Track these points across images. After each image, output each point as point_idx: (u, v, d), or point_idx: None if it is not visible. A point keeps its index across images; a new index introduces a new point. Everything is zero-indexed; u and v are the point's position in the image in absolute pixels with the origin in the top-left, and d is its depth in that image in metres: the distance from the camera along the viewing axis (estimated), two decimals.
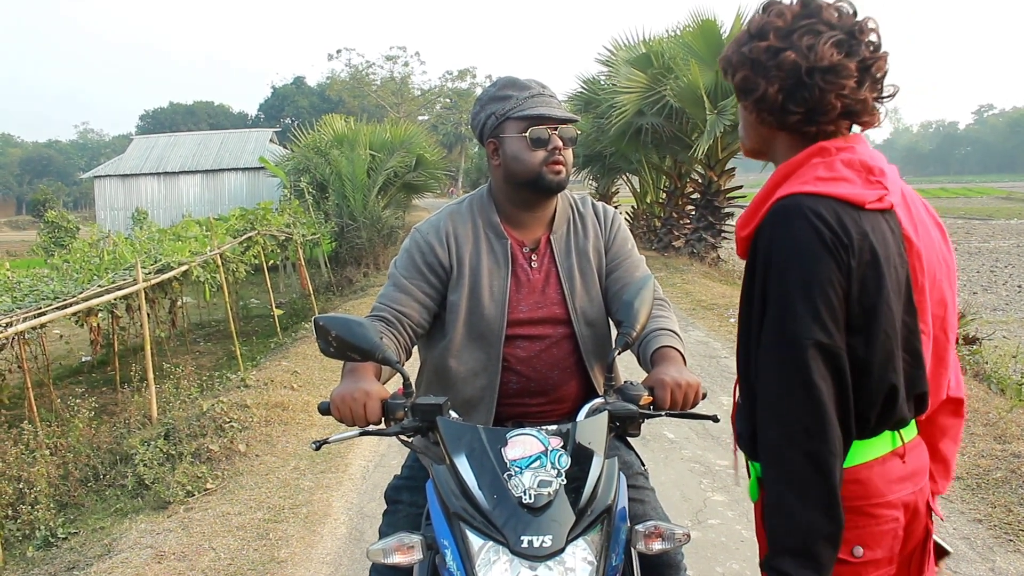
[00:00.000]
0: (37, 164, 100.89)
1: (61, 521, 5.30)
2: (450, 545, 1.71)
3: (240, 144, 33.73)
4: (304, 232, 16.45)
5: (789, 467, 1.56)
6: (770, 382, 1.60)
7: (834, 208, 1.58)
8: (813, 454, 1.54)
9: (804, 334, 1.55)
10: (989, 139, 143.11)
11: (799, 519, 1.54)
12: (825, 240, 1.55)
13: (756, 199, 1.71)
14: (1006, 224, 37.42)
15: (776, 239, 1.59)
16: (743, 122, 1.83)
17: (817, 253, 1.55)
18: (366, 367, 2.05)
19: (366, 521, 4.76)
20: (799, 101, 1.65)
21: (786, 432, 1.57)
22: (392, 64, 68.99)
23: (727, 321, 10.83)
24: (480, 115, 2.29)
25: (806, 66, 1.61)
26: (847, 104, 1.64)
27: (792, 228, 1.58)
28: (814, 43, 1.61)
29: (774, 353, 1.59)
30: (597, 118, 18.41)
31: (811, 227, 1.56)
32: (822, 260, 1.55)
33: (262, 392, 7.50)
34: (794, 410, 1.56)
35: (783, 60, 1.63)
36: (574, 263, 2.35)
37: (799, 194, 1.61)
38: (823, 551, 1.55)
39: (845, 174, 1.64)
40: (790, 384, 1.56)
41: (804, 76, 1.62)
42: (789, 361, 1.56)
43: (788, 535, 1.56)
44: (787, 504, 1.56)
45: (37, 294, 8.30)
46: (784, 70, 1.63)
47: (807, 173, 1.64)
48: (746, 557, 4.09)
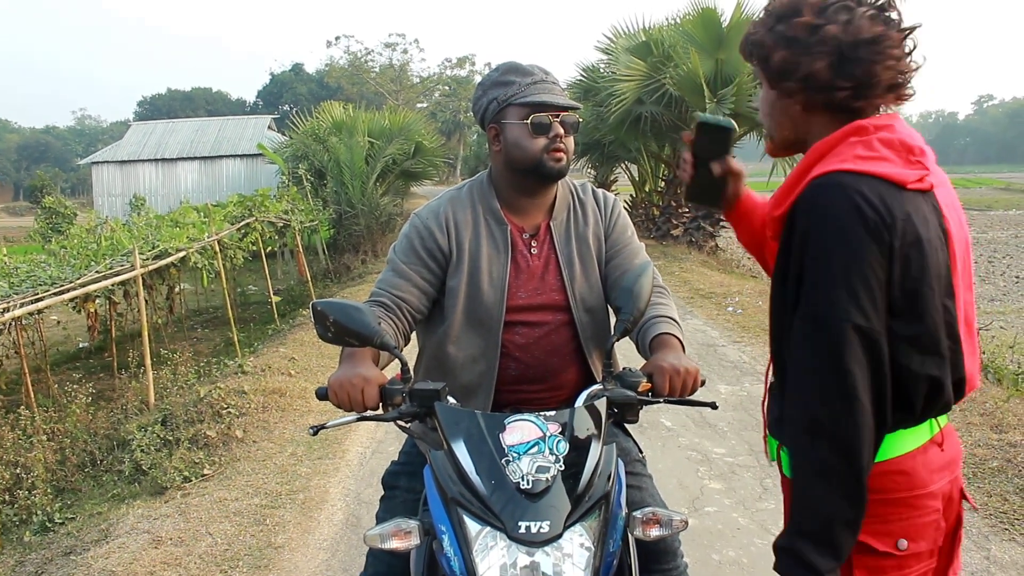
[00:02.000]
0: (34, 150, 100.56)
1: (58, 506, 5.31)
2: (447, 530, 1.70)
3: (238, 131, 33.65)
4: (302, 219, 16.44)
5: (815, 451, 1.54)
6: (802, 364, 1.57)
7: (876, 187, 1.54)
8: (841, 440, 1.52)
9: (841, 316, 1.51)
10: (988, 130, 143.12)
11: (821, 504, 1.53)
12: (867, 220, 1.51)
13: (790, 178, 1.66)
14: (1004, 215, 37.45)
15: (815, 218, 1.55)
16: (773, 110, 1.76)
17: (858, 233, 1.51)
18: (364, 352, 2.04)
19: (363, 507, 4.76)
20: (847, 76, 1.59)
21: (814, 416, 1.54)
22: (391, 51, 68.91)
23: (725, 310, 10.84)
24: (482, 100, 2.28)
25: (849, 40, 1.57)
26: (893, 76, 1.60)
27: (832, 206, 1.53)
28: (851, 17, 1.58)
29: (808, 335, 1.55)
30: (596, 106, 18.34)
31: (852, 206, 1.51)
32: (863, 241, 1.51)
33: (259, 378, 7.49)
34: (824, 394, 1.53)
35: (826, 34, 1.58)
36: (574, 250, 2.34)
37: (839, 171, 1.56)
38: (842, 537, 1.53)
39: (884, 153, 1.59)
40: (822, 367, 1.53)
41: (848, 50, 1.57)
42: (823, 343, 1.52)
43: (809, 519, 1.54)
44: (810, 488, 1.54)
45: (34, 280, 8.29)
46: (828, 44, 1.58)
47: (845, 152, 1.60)
48: (742, 544, 4.10)
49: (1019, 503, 4.40)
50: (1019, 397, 6.15)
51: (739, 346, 8.73)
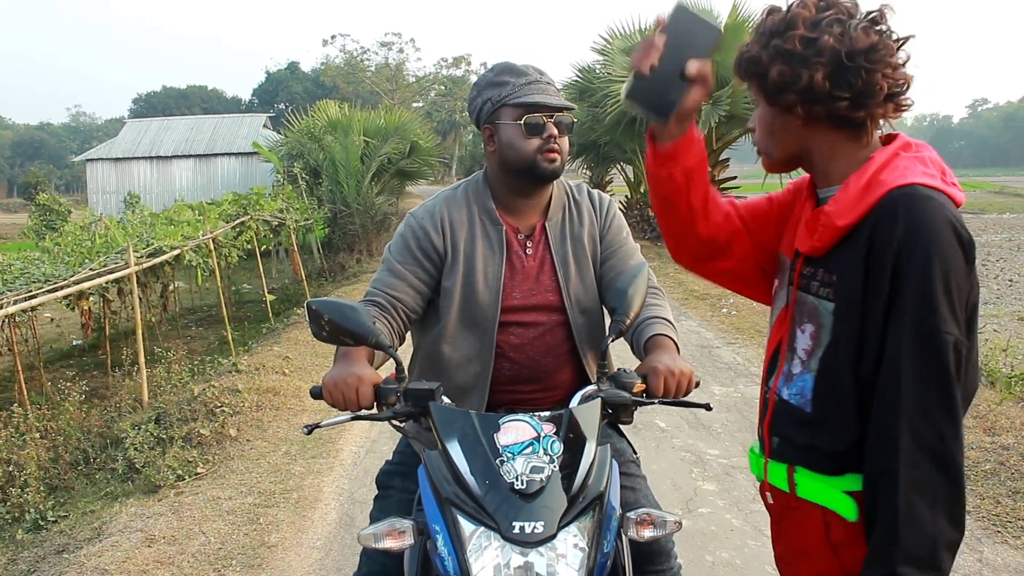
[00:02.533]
0: (28, 147, 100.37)
1: (51, 504, 5.30)
2: (441, 530, 1.70)
3: (233, 129, 33.62)
4: (297, 218, 16.43)
5: (920, 471, 1.48)
6: (903, 381, 1.50)
7: (952, 205, 1.54)
8: (946, 457, 1.48)
9: (947, 328, 1.47)
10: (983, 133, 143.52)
11: (928, 527, 1.47)
12: (960, 236, 1.50)
13: (857, 188, 1.60)
14: (998, 218, 37.48)
15: (913, 226, 1.49)
16: (771, 127, 1.74)
17: (953, 245, 1.49)
18: (359, 352, 2.04)
19: (357, 506, 4.76)
20: (845, 86, 1.58)
21: (919, 434, 1.48)
22: (387, 50, 68.92)
23: (719, 311, 10.85)
24: (477, 100, 2.28)
25: (845, 50, 1.57)
26: (891, 84, 1.59)
27: (929, 218, 1.49)
28: (844, 29, 1.58)
29: (912, 350, 1.49)
30: (592, 107, 18.35)
31: (947, 221, 1.49)
32: (957, 253, 1.49)
33: (253, 377, 7.48)
34: (929, 411, 1.48)
35: (822, 46, 1.58)
36: (569, 250, 2.34)
37: (920, 185, 1.53)
38: (946, 559, 1.49)
39: (935, 171, 1.59)
40: (928, 384, 1.48)
41: (846, 59, 1.57)
42: (929, 359, 1.48)
43: (915, 544, 1.47)
44: (916, 511, 1.48)
45: (28, 277, 8.29)
46: (825, 55, 1.58)
47: (909, 165, 1.58)
48: (735, 546, 4.11)
49: (1012, 506, 4.41)
50: (1012, 400, 6.17)
51: (733, 348, 8.74)
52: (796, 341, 1.76)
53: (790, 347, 1.78)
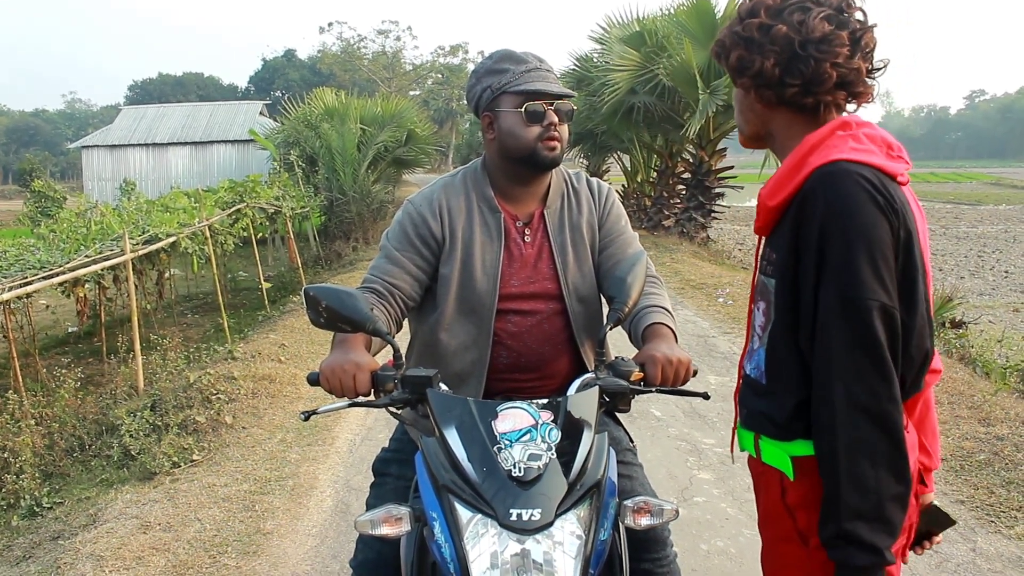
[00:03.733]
0: (24, 133, 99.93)
1: (46, 491, 5.29)
2: (438, 517, 1.70)
3: (230, 116, 33.50)
4: (293, 205, 16.40)
5: (857, 431, 1.55)
6: (833, 347, 1.58)
7: (877, 175, 1.60)
8: (882, 415, 1.55)
9: (869, 295, 1.54)
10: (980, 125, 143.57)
11: (870, 483, 1.54)
12: (880, 204, 1.56)
13: (786, 169, 1.69)
14: (994, 209, 37.60)
15: (832, 202, 1.57)
16: (740, 106, 1.85)
17: (874, 216, 1.55)
18: (356, 338, 2.03)
19: (352, 494, 4.76)
20: (795, 73, 1.67)
21: (853, 395, 1.55)
22: (384, 38, 68.78)
23: (716, 300, 10.85)
24: (476, 87, 2.26)
25: (799, 39, 1.65)
26: (842, 73, 1.66)
27: (848, 191, 1.57)
28: (804, 18, 1.66)
29: (838, 316, 1.57)
30: (589, 96, 18.34)
31: (864, 191, 1.56)
32: (879, 223, 1.56)
33: (249, 364, 7.48)
34: (861, 373, 1.55)
35: (776, 34, 1.67)
36: (567, 238, 2.33)
37: (843, 160, 1.60)
38: (894, 512, 1.56)
39: (871, 147, 1.65)
40: (855, 347, 1.55)
41: (798, 48, 1.65)
42: (855, 324, 1.55)
43: (860, 500, 1.55)
44: (856, 467, 1.55)
45: (23, 263, 8.26)
46: (778, 44, 1.67)
47: (838, 144, 1.65)
48: (731, 535, 4.12)
49: (1005, 496, 4.42)
50: (1007, 391, 6.19)
51: (729, 337, 8.75)
52: (755, 319, 1.87)
53: (751, 325, 1.90)
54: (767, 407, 1.76)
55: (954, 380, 6.35)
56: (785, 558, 1.78)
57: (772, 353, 1.76)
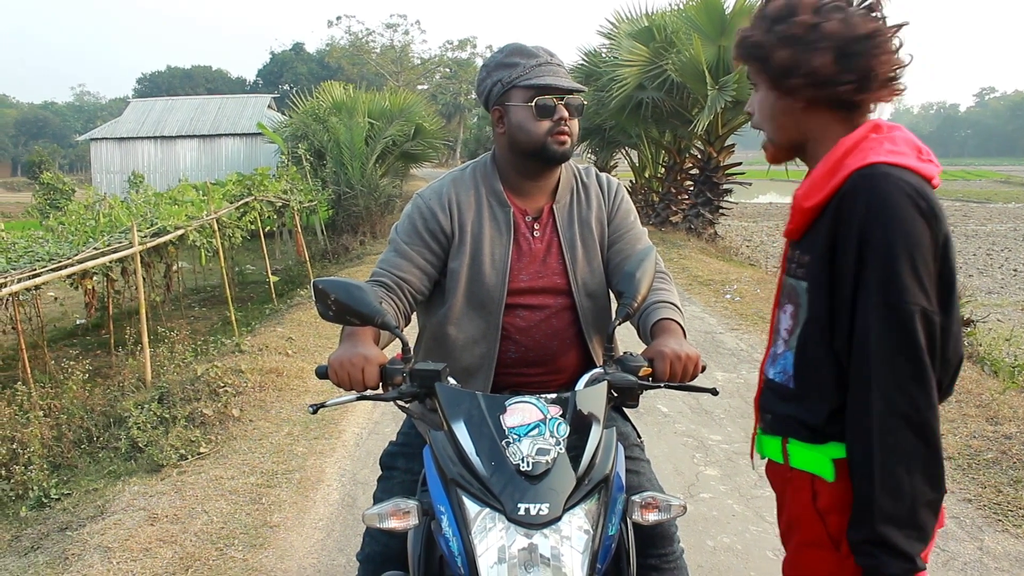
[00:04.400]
0: (33, 125, 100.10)
1: (54, 482, 5.31)
2: (446, 511, 1.70)
3: (238, 109, 33.54)
4: (301, 199, 16.42)
5: (895, 436, 1.54)
6: (873, 352, 1.56)
7: (917, 179, 1.59)
8: (921, 422, 1.54)
9: (912, 301, 1.53)
10: (990, 122, 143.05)
11: (905, 488, 1.54)
12: (920, 207, 1.55)
13: (822, 171, 1.67)
14: (1004, 208, 37.45)
15: (872, 205, 1.56)
16: (773, 111, 1.79)
17: (915, 219, 1.54)
18: (365, 332, 2.03)
19: (359, 487, 4.77)
20: (851, 69, 1.65)
21: (892, 401, 1.54)
22: (392, 32, 68.64)
23: (723, 297, 10.84)
24: (486, 81, 2.26)
25: (849, 35, 1.63)
26: (889, 70, 1.66)
27: (889, 194, 1.56)
28: (845, 16, 1.64)
29: (879, 321, 1.55)
30: (598, 91, 18.25)
31: (905, 194, 1.55)
32: (920, 227, 1.55)
33: (257, 358, 7.49)
34: (900, 379, 1.54)
35: (826, 31, 1.64)
36: (576, 233, 2.33)
37: (882, 163, 1.59)
38: (927, 519, 1.55)
39: (905, 150, 1.64)
40: (895, 353, 1.54)
41: (849, 45, 1.63)
42: (896, 328, 1.54)
43: (894, 505, 1.54)
44: (892, 472, 1.54)
45: (32, 255, 8.29)
46: (830, 40, 1.64)
47: (874, 146, 1.63)
48: (737, 531, 4.11)
49: (1013, 494, 4.41)
50: (1015, 389, 6.17)
51: (737, 334, 8.73)
52: (780, 322, 1.84)
53: (776, 329, 1.86)
54: (798, 411, 1.74)
55: (962, 378, 6.32)
56: (814, 564, 1.76)
57: (802, 357, 1.74)
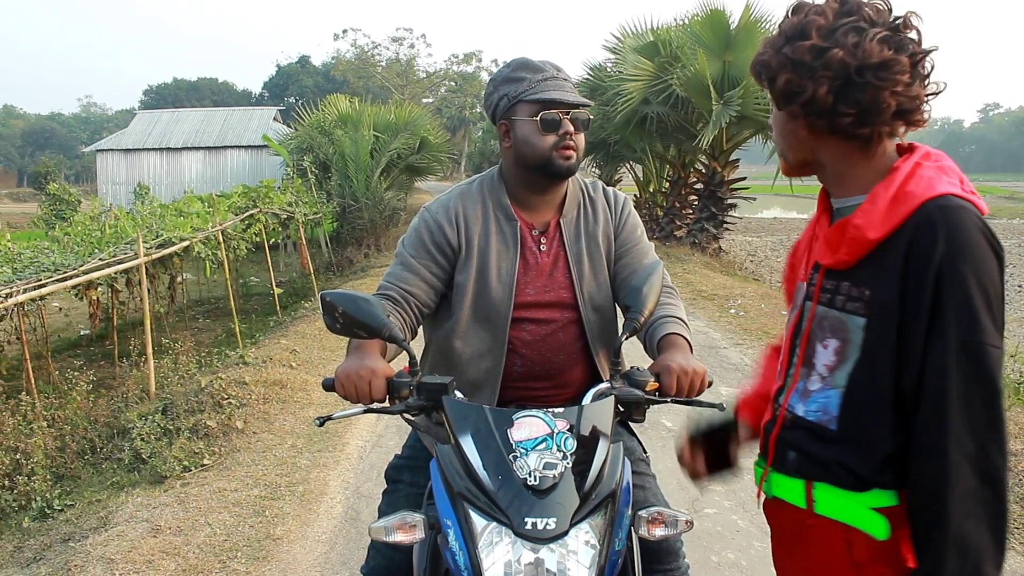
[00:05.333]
0: (39, 136, 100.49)
1: (57, 493, 5.31)
2: (453, 525, 1.70)
3: (244, 122, 33.71)
4: (306, 211, 16.46)
5: (969, 487, 1.45)
6: (948, 395, 1.46)
7: (980, 214, 1.52)
8: (992, 473, 1.45)
9: (992, 342, 1.45)
10: (994, 138, 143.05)
11: (973, 541, 1.44)
12: (993, 244, 1.49)
13: (886, 199, 1.55)
14: (1008, 224, 37.36)
15: (952, 240, 1.46)
16: (783, 131, 1.70)
17: (990, 255, 1.48)
18: (372, 344, 2.03)
19: (362, 501, 4.76)
20: (851, 102, 1.53)
21: (965, 448, 1.45)
22: (398, 46, 68.77)
23: (727, 312, 10.83)
24: (493, 96, 2.26)
25: (855, 64, 1.50)
26: (901, 102, 1.53)
27: (968, 229, 1.47)
28: (860, 40, 1.51)
29: (957, 363, 1.45)
30: (603, 105, 18.33)
31: (979, 230, 1.48)
32: (994, 265, 1.48)
33: (261, 370, 7.49)
34: (975, 424, 1.45)
35: (831, 59, 1.52)
36: (583, 248, 2.32)
37: (952, 195, 1.51)
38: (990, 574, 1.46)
39: (956, 181, 1.56)
40: (973, 396, 1.45)
41: (854, 75, 1.51)
42: (975, 371, 1.45)
43: (962, 560, 1.45)
44: (962, 527, 1.45)
45: (37, 266, 8.31)
46: (833, 69, 1.52)
47: (933, 176, 1.55)
48: (741, 547, 4.10)
49: (1019, 512, 4.39)
50: (1020, 406, 6.14)
51: (741, 348, 8.72)
52: (816, 357, 1.70)
53: (806, 363, 1.73)
54: (843, 455, 1.62)
55: None
56: None
57: (852, 397, 1.62)
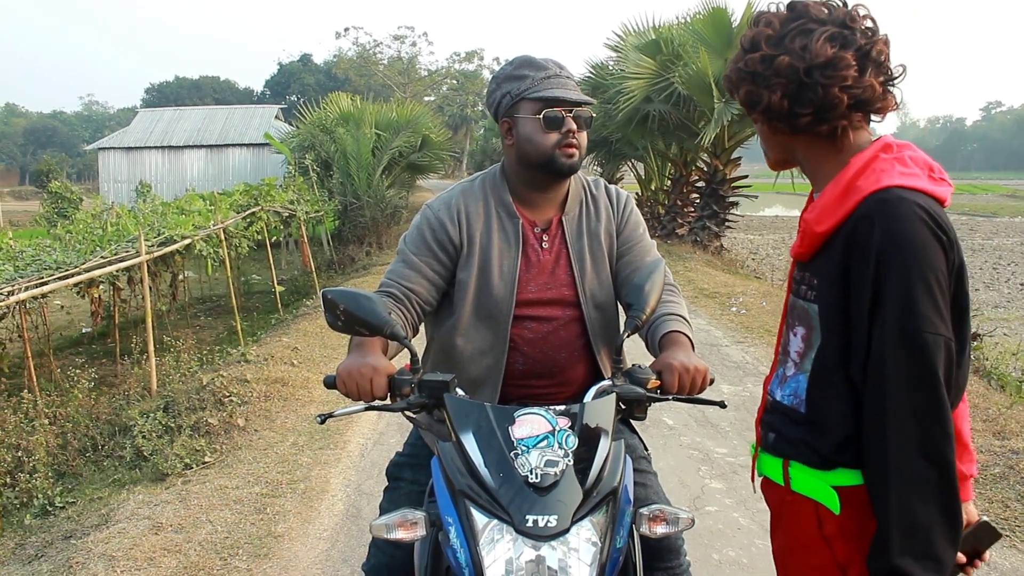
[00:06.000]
0: (41, 134, 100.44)
1: (59, 490, 5.31)
2: (454, 522, 1.70)
3: (245, 120, 33.69)
4: (307, 209, 16.46)
5: (911, 468, 1.52)
6: (889, 381, 1.53)
7: (930, 203, 1.56)
8: (937, 454, 1.52)
9: (931, 329, 1.50)
10: (996, 136, 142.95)
11: (921, 520, 1.52)
12: (937, 234, 1.53)
13: (834, 194, 1.64)
14: (1010, 222, 37.37)
15: (889, 231, 1.53)
16: (761, 135, 1.81)
17: (932, 246, 1.52)
18: (373, 342, 2.03)
19: (364, 498, 4.76)
20: (804, 102, 1.62)
21: (907, 432, 1.52)
22: (399, 44, 68.77)
23: (728, 310, 10.82)
24: (495, 93, 2.26)
25: (803, 66, 1.60)
26: (853, 95, 1.61)
27: (905, 220, 1.53)
28: (807, 42, 1.60)
29: (896, 350, 1.52)
30: (604, 103, 18.29)
31: (921, 220, 1.53)
32: (936, 253, 1.52)
33: (262, 367, 7.49)
34: (917, 409, 1.52)
35: (779, 66, 1.62)
36: (585, 245, 2.32)
37: (897, 187, 1.56)
38: (945, 552, 1.53)
39: (916, 171, 1.61)
40: (913, 382, 1.52)
41: (803, 76, 1.60)
42: (914, 358, 1.51)
43: (910, 537, 1.52)
44: (909, 506, 1.52)
45: (39, 264, 8.31)
46: (783, 75, 1.62)
47: (886, 168, 1.60)
48: (742, 544, 4.10)
49: (1020, 510, 4.38)
50: (1022, 404, 6.14)
51: (742, 346, 8.72)
52: (789, 344, 1.81)
53: (783, 350, 1.84)
54: (808, 436, 1.71)
55: (969, 393, 6.23)
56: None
57: (816, 382, 1.72)
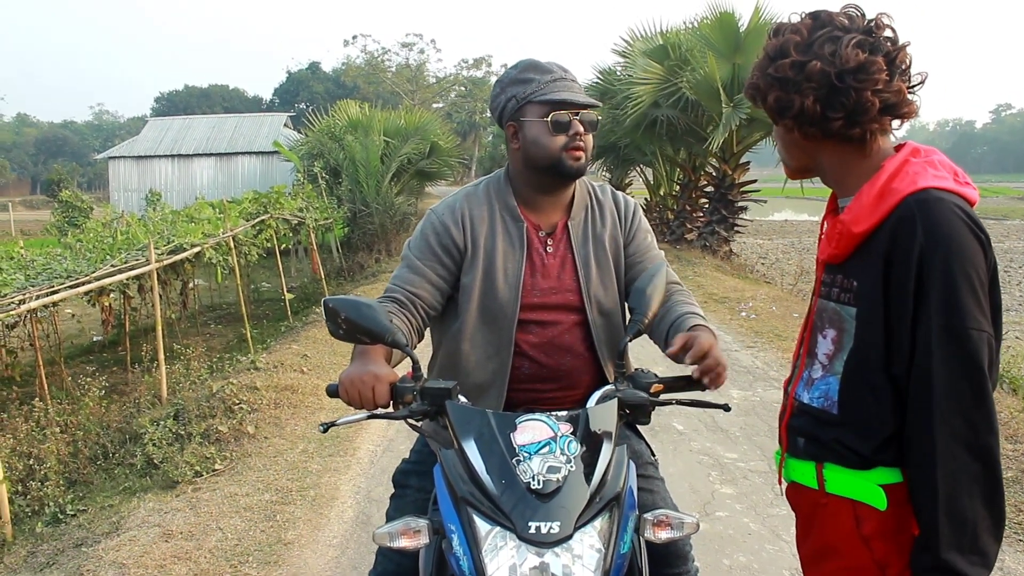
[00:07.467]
0: (52, 144, 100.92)
1: (70, 498, 5.33)
2: (457, 530, 1.70)
3: (254, 128, 33.79)
4: (317, 217, 16.48)
5: (957, 463, 1.54)
6: (935, 377, 1.55)
7: (964, 204, 1.60)
8: (983, 449, 1.54)
9: (975, 326, 1.53)
10: (1006, 139, 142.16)
11: (968, 514, 1.54)
12: (976, 233, 1.57)
13: (871, 196, 1.65)
14: (1021, 224, 37.17)
15: (932, 230, 1.55)
16: (783, 143, 1.83)
17: (973, 245, 1.56)
18: (376, 350, 2.03)
19: (373, 505, 4.76)
20: (837, 106, 1.64)
21: (954, 427, 1.54)
22: (408, 51, 68.88)
23: (738, 314, 10.80)
24: (500, 97, 2.26)
25: (835, 71, 1.62)
26: (884, 99, 1.63)
27: (947, 220, 1.56)
28: (836, 48, 1.63)
29: (941, 347, 1.55)
30: (612, 109, 18.29)
31: (960, 220, 1.56)
32: (976, 252, 1.56)
33: (272, 375, 7.51)
34: (962, 404, 1.54)
35: (811, 70, 1.64)
36: (590, 250, 2.32)
37: (934, 188, 1.60)
38: (991, 547, 1.56)
39: (945, 174, 1.65)
40: (958, 378, 1.54)
41: (835, 81, 1.62)
42: (959, 354, 1.53)
43: (958, 532, 1.54)
44: (956, 501, 1.54)
45: (50, 272, 8.35)
46: (815, 80, 1.64)
47: (920, 171, 1.63)
48: (753, 550, 4.08)
49: None
50: None
51: (752, 351, 8.69)
52: (817, 346, 1.81)
53: (810, 353, 1.84)
54: (844, 437, 1.72)
55: None
56: None
57: (850, 383, 1.72)
